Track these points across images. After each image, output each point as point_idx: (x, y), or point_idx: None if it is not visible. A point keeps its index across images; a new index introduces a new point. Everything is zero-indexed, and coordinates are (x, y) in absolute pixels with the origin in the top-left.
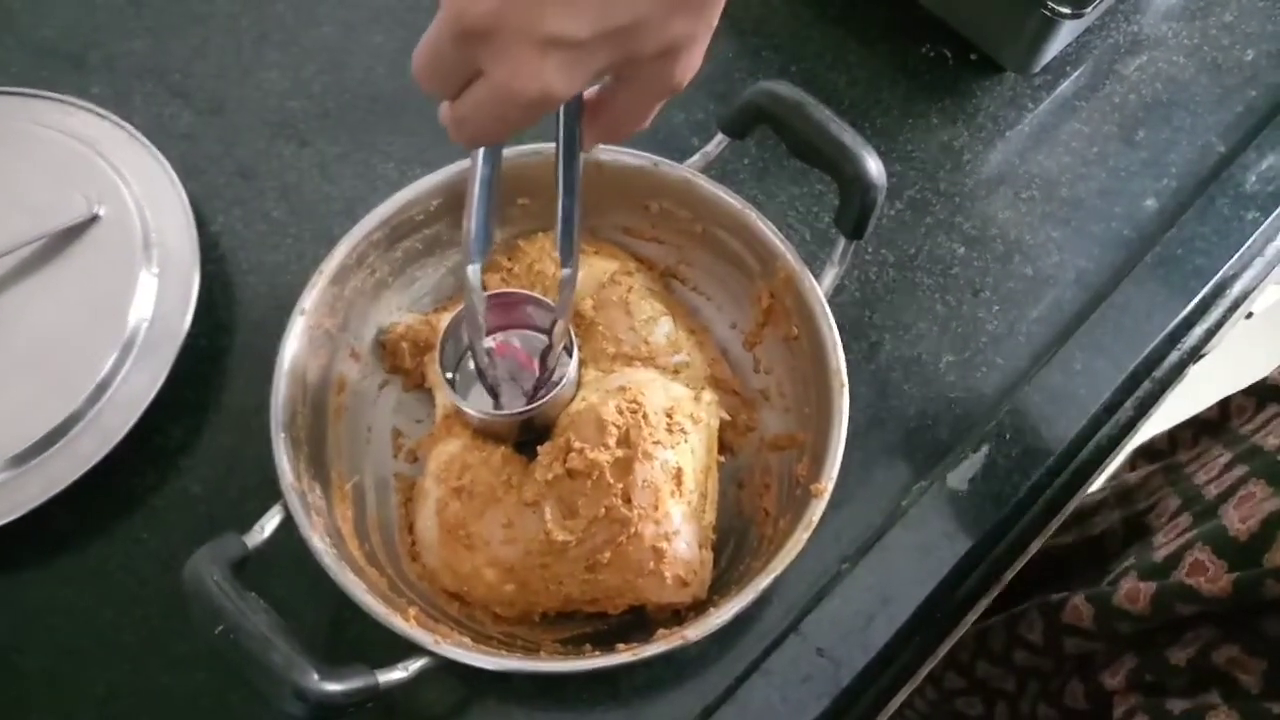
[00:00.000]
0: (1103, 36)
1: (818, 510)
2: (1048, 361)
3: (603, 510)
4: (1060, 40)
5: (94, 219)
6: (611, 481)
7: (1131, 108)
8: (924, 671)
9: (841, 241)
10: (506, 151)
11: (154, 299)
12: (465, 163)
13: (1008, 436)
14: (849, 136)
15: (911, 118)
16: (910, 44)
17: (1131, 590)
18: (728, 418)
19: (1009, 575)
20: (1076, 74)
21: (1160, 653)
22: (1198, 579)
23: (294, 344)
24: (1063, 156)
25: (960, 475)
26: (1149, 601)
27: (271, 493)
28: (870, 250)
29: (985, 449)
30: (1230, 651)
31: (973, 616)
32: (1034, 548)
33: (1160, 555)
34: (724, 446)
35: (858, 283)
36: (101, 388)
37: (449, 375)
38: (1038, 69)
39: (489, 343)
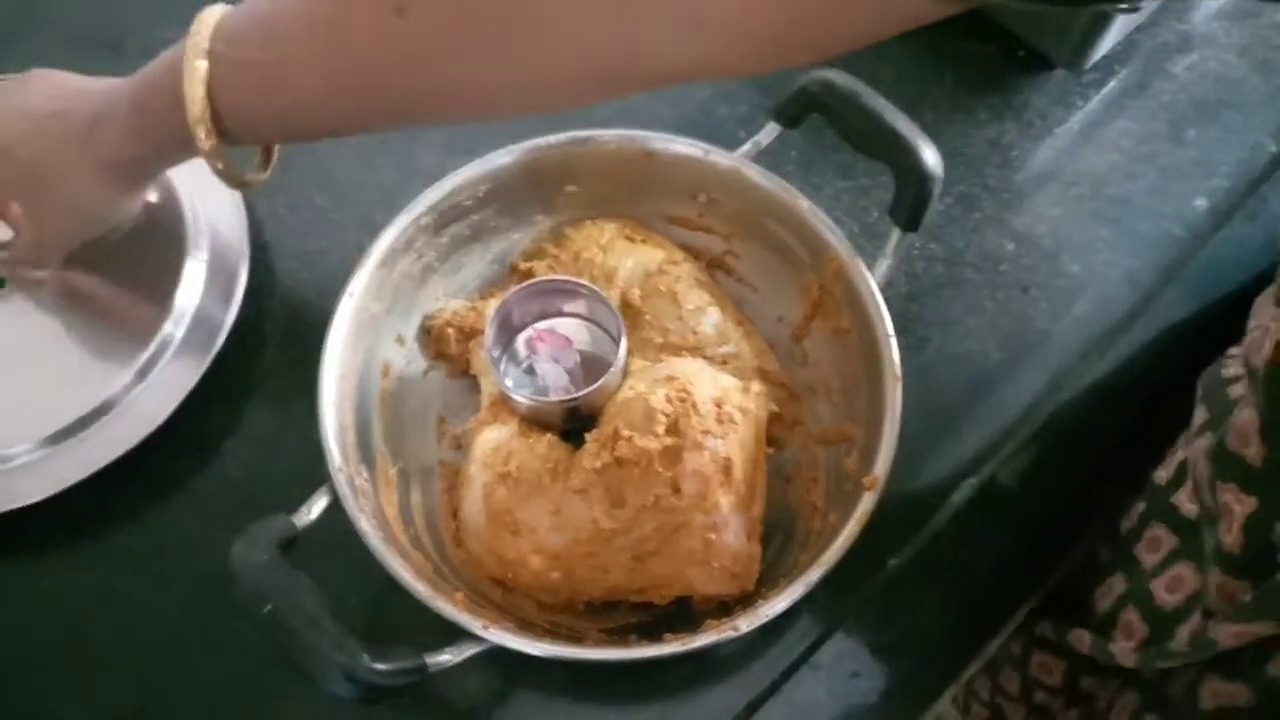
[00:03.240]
0: (1152, 35)
1: (869, 503)
2: (1098, 359)
3: (651, 499)
4: (1112, 36)
5: (143, 204)
6: (660, 470)
7: (1181, 106)
8: (971, 669)
9: (895, 233)
10: (554, 138)
11: (201, 285)
12: (509, 151)
13: (1058, 434)
14: (904, 125)
15: (959, 113)
16: (958, 40)
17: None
18: (776, 409)
19: (1057, 572)
20: (1125, 72)
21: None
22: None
23: (341, 327)
24: (1111, 155)
25: (1010, 471)
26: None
27: (311, 479)
28: (918, 245)
29: (1035, 446)
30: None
31: (1021, 613)
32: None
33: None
34: (771, 439)
35: (905, 277)
36: (144, 371)
37: (496, 356)
38: (1089, 65)
39: (535, 330)
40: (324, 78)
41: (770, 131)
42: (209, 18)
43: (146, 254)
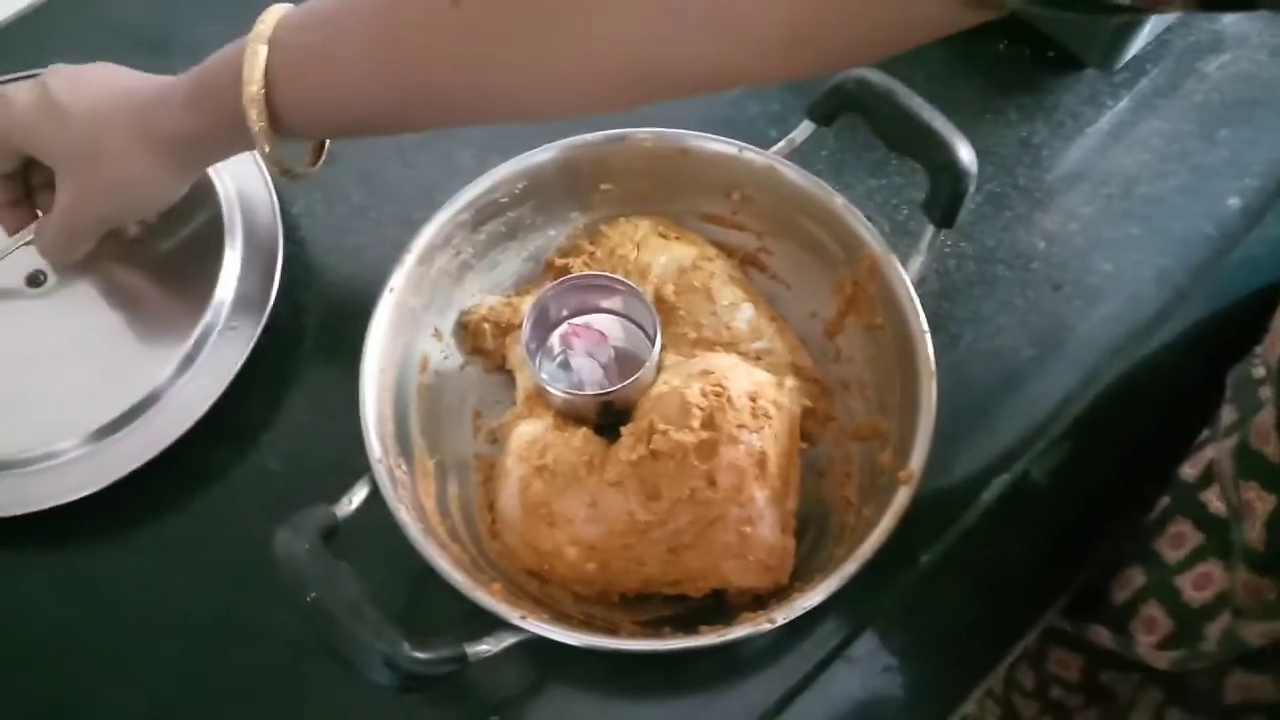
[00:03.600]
0: (1183, 34)
1: (905, 498)
2: (1129, 357)
3: (687, 492)
4: (1143, 37)
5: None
6: (696, 463)
7: (1213, 106)
8: (1004, 664)
9: (929, 230)
10: (590, 136)
11: (237, 278)
12: (546, 149)
13: (1089, 431)
14: (940, 122)
15: (990, 113)
16: (988, 41)
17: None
18: (809, 405)
19: (1087, 570)
20: (1156, 72)
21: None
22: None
23: (382, 321)
24: (1142, 154)
25: (1042, 468)
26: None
27: (349, 471)
28: (950, 243)
29: (1067, 443)
30: None
31: (1052, 611)
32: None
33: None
34: (804, 435)
35: (937, 275)
36: (184, 364)
37: (532, 350)
38: (1120, 65)
39: (571, 325)
40: (374, 66)
41: (804, 129)
42: (276, 10)
43: (183, 247)
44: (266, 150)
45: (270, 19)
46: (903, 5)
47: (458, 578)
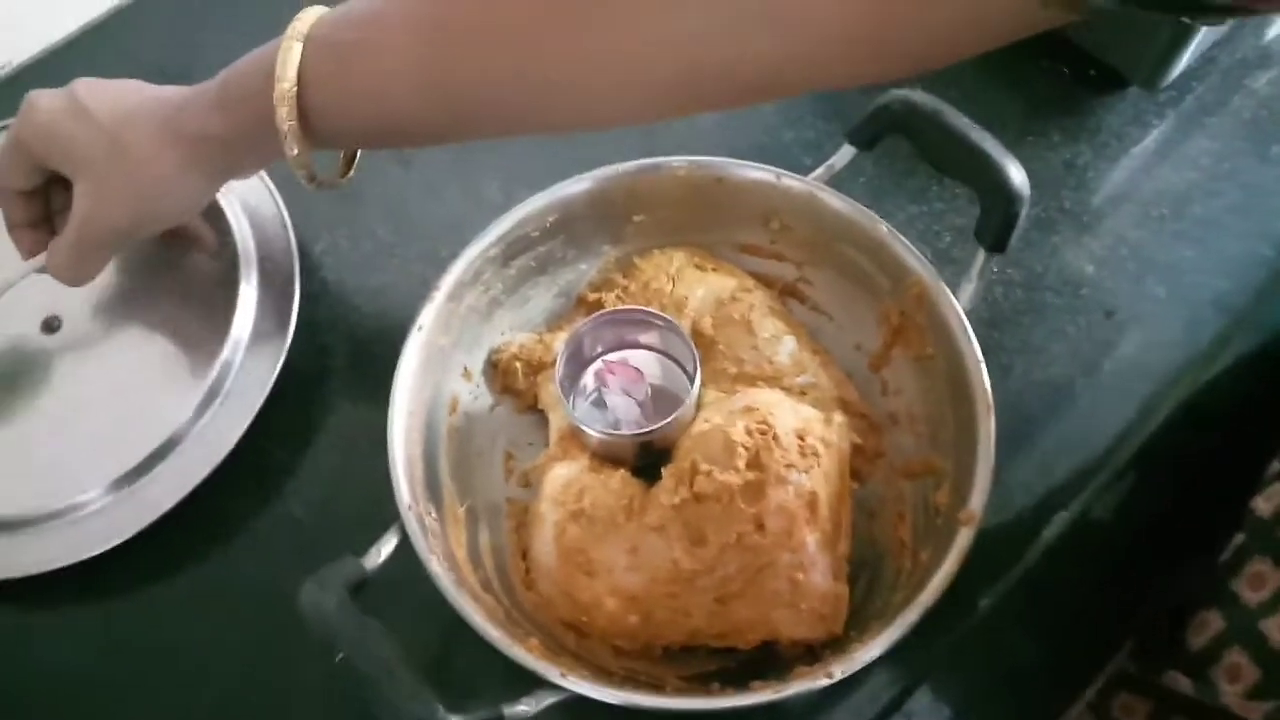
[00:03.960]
0: (1229, 51)
1: (967, 539)
2: (1190, 385)
3: (734, 537)
4: (1191, 52)
5: (196, 239)
6: (743, 506)
7: (1263, 123)
8: (1070, 714)
9: (980, 255)
10: (622, 167)
11: (253, 318)
12: (579, 180)
13: (1152, 464)
14: (990, 144)
15: (1031, 135)
16: (1027, 60)
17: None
18: (859, 441)
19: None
20: (1202, 89)
21: None
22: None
23: (411, 361)
24: (1191, 174)
25: (1105, 505)
26: None
27: (378, 517)
28: (996, 270)
29: (1129, 477)
30: None
31: (1120, 655)
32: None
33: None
34: (852, 473)
35: (984, 303)
36: (200, 409)
37: (566, 388)
38: (1167, 83)
39: (606, 362)
40: (414, 67)
41: (845, 155)
42: (313, 10)
43: (197, 287)
44: (295, 153)
45: (308, 17)
46: (973, 2)
47: (494, 634)
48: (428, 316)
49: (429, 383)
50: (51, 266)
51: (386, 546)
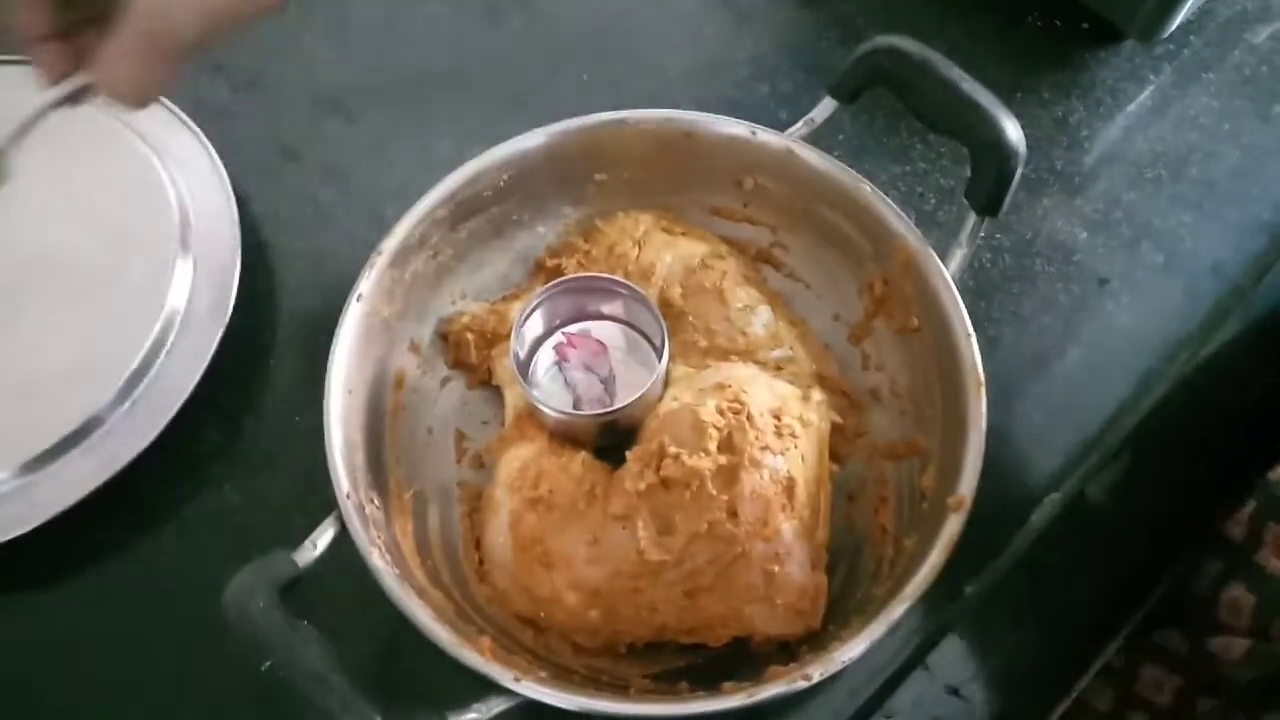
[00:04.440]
0: (1229, 3)
1: (956, 527)
2: (1189, 357)
3: (704, 526)
4: (1190, 2)
5: (128, 200)
6: (714, 493)
7: (1264, 80)
8: (1061, 708)
9: (971, 219)
10: (583, 120)
11: (189, 288)
12: (533, 135)
13: (1149, 441)
14: (985, 97)
15: (1021, 92)
16: (1015, 11)
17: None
18: (839, 419)
19: (1156, 593)
20: (1200, 43)
21: None
22: None
23: (349, 334)
24: (1190, 133)
25: (1100, 486)
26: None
27: (318, 502)
28: (983, 235)
29: (1125, 456)
30: None
31: (1115, 643)
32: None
33: None
34: (832, 454)
35: (971, 271)
36: (129, 386)
37: (522, 364)
38: (1166, 34)
39: (565, 334)
40: None
41: (825, 108)
42: None
43: (130, 255)
44: None
45: None
46: None
47: (441, 633)
48: (367, 285)
49: (371, 358)
50: (106, 80)
51: (323, 538)
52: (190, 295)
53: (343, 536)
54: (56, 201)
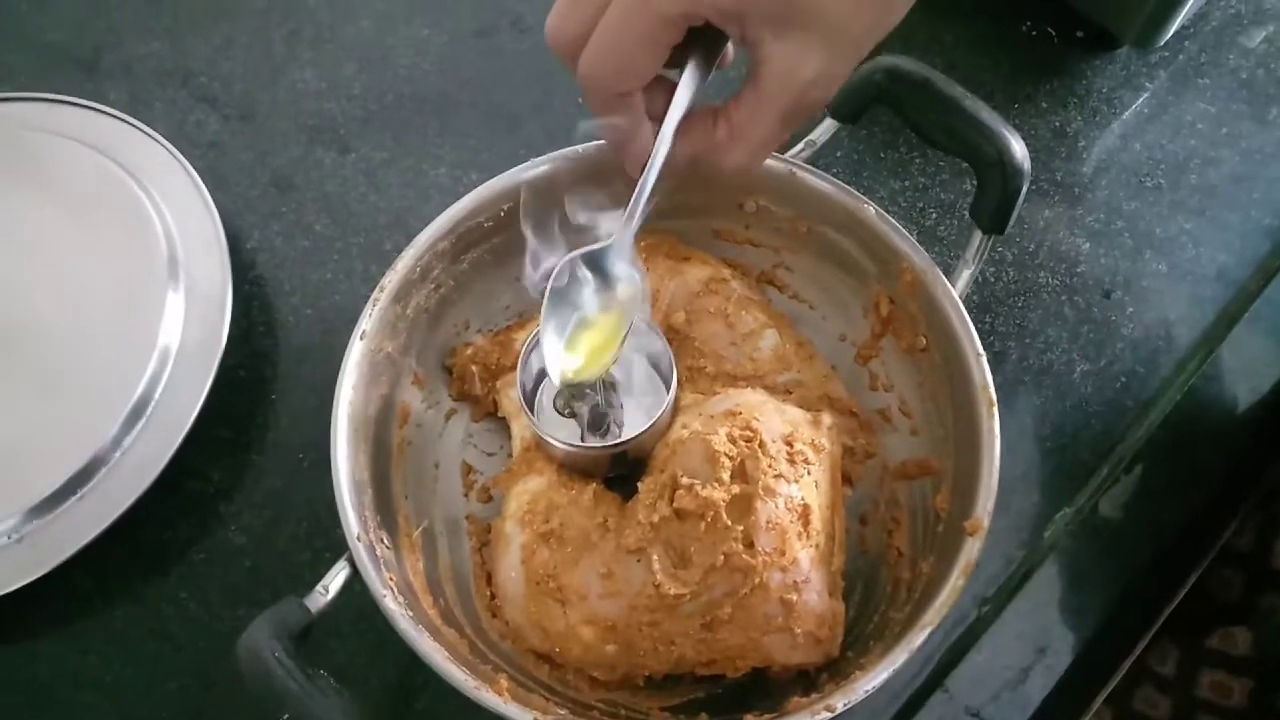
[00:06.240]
0: (1223, 7)
1: (975, 550)
2: (1197, 368)
3: (720, 558)
4: (1189, 7)
5: (114, 236)
6: (729, 523)
7: (1260, 84)
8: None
9: (977, 236)
10: (583, 147)
11: (181, 325)
12: (535, 164)
13: (1163, 454)
14: (988, 114)
15: (1017, 102)
16: (1009, 21)
17: None
18: (849, 442)
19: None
20: (1194, 48)
21: None
22: None
23: (353, 372)
24: (1188, 139)
25: (1113, 500)
26: None
27: (326, 541)
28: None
29: (1138, 469)
30: None
31: (1128, 661)
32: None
33: None
34: (843, 477)
35: (974, 285)
36: (126, 426)
37: (529, 395)
38: (1162, 42)
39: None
40: None
41: (826, 129)
42: None
43: (122, 296)
44: None
45: None
46: None
47: (458, 675)
48: (370, 322)
49: (375, 395)
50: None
51: (335, 582)
52: (184, 329)
53: (354, 578)
54: (43, 240)
